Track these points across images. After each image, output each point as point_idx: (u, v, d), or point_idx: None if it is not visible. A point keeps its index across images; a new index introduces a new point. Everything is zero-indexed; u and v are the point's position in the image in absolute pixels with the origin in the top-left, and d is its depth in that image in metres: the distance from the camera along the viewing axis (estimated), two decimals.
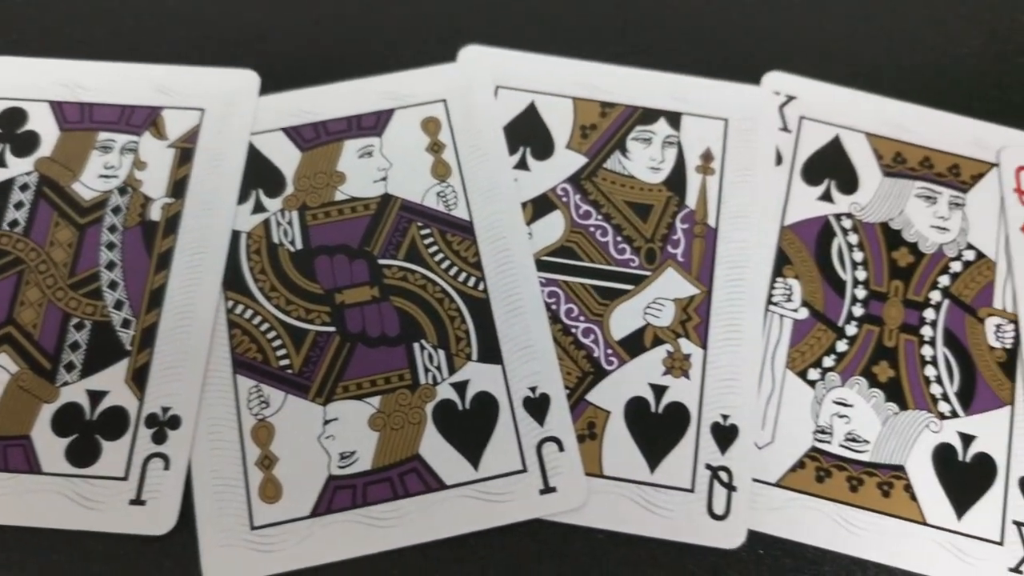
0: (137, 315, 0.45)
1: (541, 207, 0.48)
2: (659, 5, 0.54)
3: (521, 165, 0.49)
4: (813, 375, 0.45)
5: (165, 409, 0.43)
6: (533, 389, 0.44)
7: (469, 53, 0.51)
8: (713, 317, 0.46)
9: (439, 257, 0.46)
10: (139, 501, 0.42)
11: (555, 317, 0.46)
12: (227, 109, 0.49)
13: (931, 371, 0.45)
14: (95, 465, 0.42)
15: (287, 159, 0.48)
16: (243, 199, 0.48)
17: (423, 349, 0.45)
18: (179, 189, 0.48)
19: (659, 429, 0.44)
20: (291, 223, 0.47)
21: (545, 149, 0.49)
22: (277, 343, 0.45)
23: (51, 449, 0.42)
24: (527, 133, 0.49)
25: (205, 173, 0.48)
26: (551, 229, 0.47)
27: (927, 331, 0.46)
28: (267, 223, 0.47)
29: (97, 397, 0.43)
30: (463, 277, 0.46)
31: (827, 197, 0.49)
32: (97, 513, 0.41)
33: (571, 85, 0.50)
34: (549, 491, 0.42)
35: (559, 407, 0.44)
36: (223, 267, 0.46)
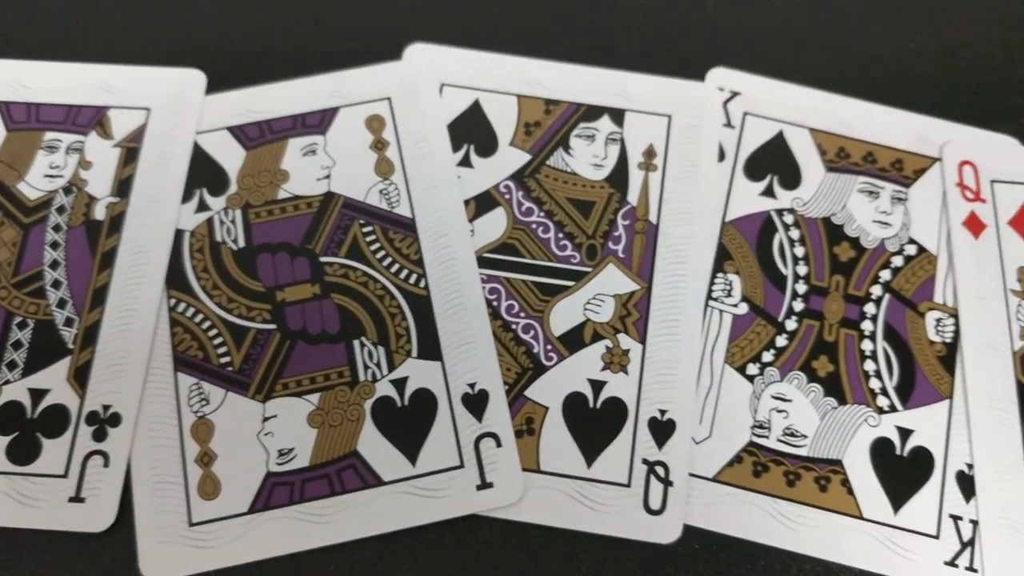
0: (80, 313, 0.45)
1: (484, 204, 0.48)
2: (604, 2, 0.54)
3: (465, 163, 0.49)
4: (752, 370, 0.45)
5: (106, 407, 0.43)
6: (472, 385, 0.44)
7: (414, 51, 0.51)
8: (653, 312, 0.46)
9: (381, 254, 0.47)
10: (79, 499, 0.42)
11: (496, 313, 0.46)
12: (173, 109, 0.50)
13: (871, 365, 0.46)
14: (35, 463, 0.42)
15: (232, 158, 0.49)
16: (187, 198, 0.48)
17: (363, 346, 0.45)
18: (124, 188, 0.48)
19: (597, 424, 0.44)
20: (234, 221, 0.47)
21: (489, 146, 0.49)
22: (218, 341, 0.45)
23: None
24: (471, 131, 0.50)
25: (150, 172, 0.48)
26: (493, 226, 0.48)
27: (867, 326, 0.46)
28: (210, 222, 0.47)
29: (39, 395, 0.44)
30: (404, 274, 0.46)
31: (769, 192, 0.49)
32: (36, 511, 0.42)
33: (516, 83, 0.51)
34: (486, 486, 0.42)
35: (497, 403, 0.44)
36: (166, 266, 0.46)
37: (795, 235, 0.48)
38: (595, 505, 0.43)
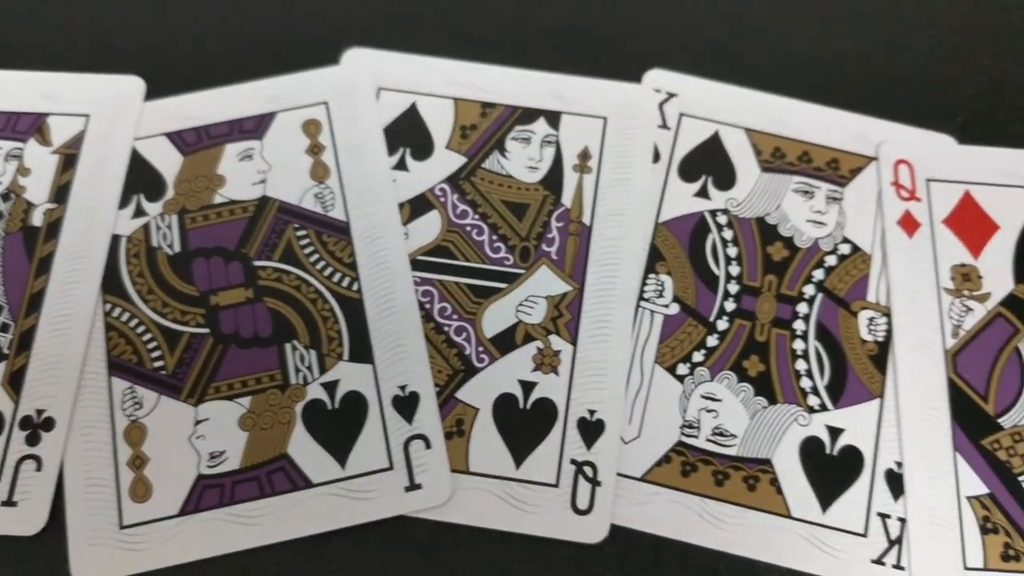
0: (16, 319, 0.46)
1: (419, 207, 0.48)
2: (541, 5, 0.54)
3: (400, 166, 0.49)
4: (682, 370, 0.45)
5: (40, 411, 0.44)
6: (403, 388, 0.44)
7: (352, 56, 0.52)
8: (584, 314, 0.46)
9: (314, 258, 0.47)
10: (10, 502, 0.42)
11: (428, 316, 0.46)
12: (112, 115, 0.50)
13: (802, 365, 0.46)
14: None
15: (169, 163, 0.49)
16: (124, 204, 0.48)
17: (295, 349, 0.45)
18: (62, 195, 0.48)
19: (526, 425, 0.44)
20: (170, 227, 0.48)
21: (425, 149, 0.50)
22: (152, 345, 0.45)
23: None
24: (407, 134, 0.50)
25: (88, 179, 0.49)
26: (428, 229, 0.48)
27: (799, 325, 0.47)
28: (147, 227, 0.48)
29: None
30: (337, 277, 0.47)
31: (703, 193, 0.49)
32: None
33: (452, 86, 0.51)
34: (414, 488, 0.43)
35: (428, 405, 0.44)
36: (102, 271, 0.47)
37: (728, 235, 0.48)
38: (523, 505, 0.43)
